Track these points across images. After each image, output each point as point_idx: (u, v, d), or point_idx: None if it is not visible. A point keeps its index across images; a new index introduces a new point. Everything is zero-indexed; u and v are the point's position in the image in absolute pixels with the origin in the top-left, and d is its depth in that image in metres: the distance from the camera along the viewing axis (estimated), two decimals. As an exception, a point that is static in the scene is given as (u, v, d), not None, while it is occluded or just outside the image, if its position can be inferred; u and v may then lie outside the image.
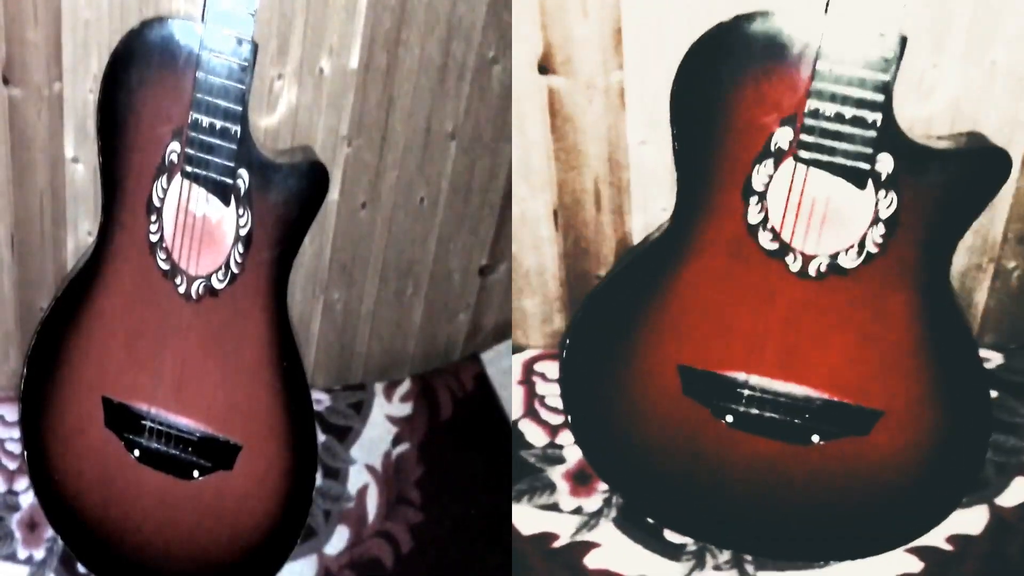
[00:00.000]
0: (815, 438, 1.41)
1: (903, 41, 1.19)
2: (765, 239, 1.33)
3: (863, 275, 1.32)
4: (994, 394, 1.72)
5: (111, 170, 1.30)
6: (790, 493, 1.46)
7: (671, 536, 1.59)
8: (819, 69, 1.22)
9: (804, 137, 1.25)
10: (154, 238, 1.32)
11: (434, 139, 1.71)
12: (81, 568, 1.55)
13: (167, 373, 1.38)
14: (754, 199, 1.31)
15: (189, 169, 1.26)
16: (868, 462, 1.42)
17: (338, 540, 1.69)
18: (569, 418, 1.55)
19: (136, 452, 1.43)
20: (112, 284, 1.36)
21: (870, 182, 1.26)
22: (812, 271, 1.32)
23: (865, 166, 1.25)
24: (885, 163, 1.26)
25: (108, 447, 1.43)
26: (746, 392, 1.41)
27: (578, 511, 1.65)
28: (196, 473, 1.43)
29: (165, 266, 1.33)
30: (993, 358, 1.82)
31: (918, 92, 1.53)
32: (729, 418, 1.43)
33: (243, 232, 1.30)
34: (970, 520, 1.57)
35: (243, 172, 1.27)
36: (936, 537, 1.53)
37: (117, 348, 1.38)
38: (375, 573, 1.67)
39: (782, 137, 1.28)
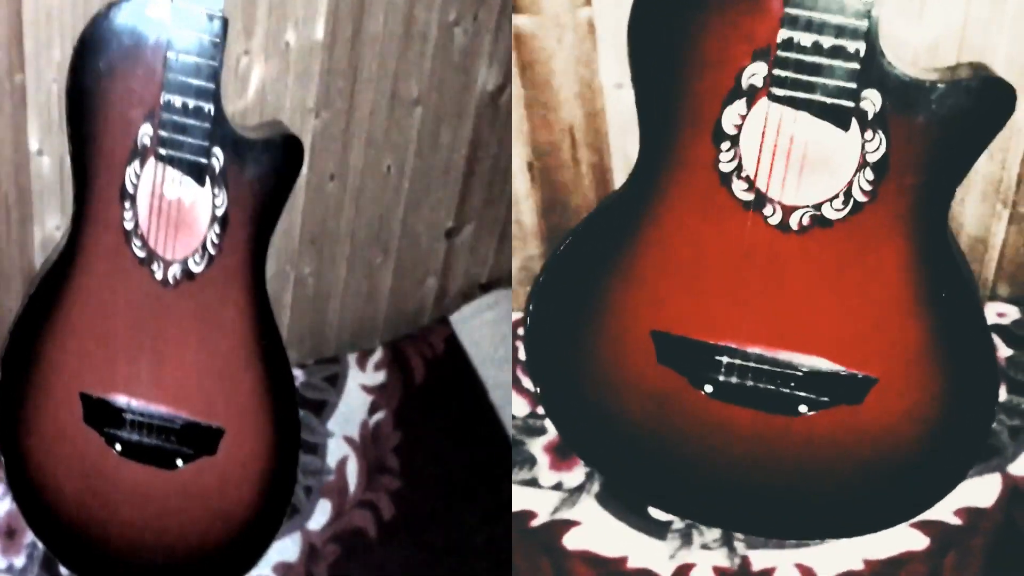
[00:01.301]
0: (802, 408, 1.32)
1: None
2: (739, 188, 1.22)
3: (850, 226, 1.21)
4: (1009, 352, 1.63)
5: (82, 159, 1.26)
6: (779, 467, 1.38)
7: (657, 513, 1.51)
8: (791, -9, 1.10)
9: (778, 72, 1.14)
10: (129, 225, 1.28)
11: (399, 106, 1.69)
12: (64, 571, 1.53)
13: (146, 363, 1.36)
14: (725, 144, 1.21)
15: (163, 152, 1.23)
16: (863, 432, 1.33)
17: (320, 515, 1.68)
18: (538, 389, 1.47)
19: (117, 446, 1.40)
20: (87, 277, 1.32)
21: (855, 122, 1.15)
22: (793, 224, 1.22)
23: (848, 104, 1.14)
24: (872, 100, 1.15)
25: (88, 444, 1.40)
26: (725, 359, 1.32)
27: (558, 487, 1.58)
28: (179, 462, 1.41)
29: (141, 253, 1.30)
30: (1009, 312, 1.71)
31: (911, 15, 1.42)
32: (708, 388, 1.34)
33: (219, 212, 1.27)
34: (981, 491, 1.47)
35: (217, 151, 1.24)
36: (943, 510, 1.43)
37: (94, 342, 1.35)
38: (359, 543, 1.66)
39: (754, 73, 1.17)
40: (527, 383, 1.74)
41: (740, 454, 1.38)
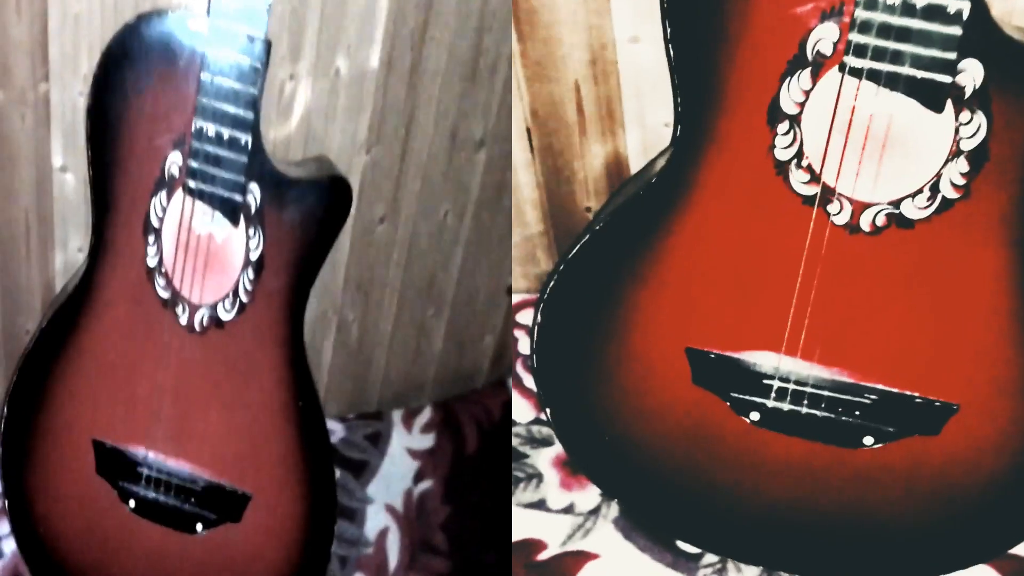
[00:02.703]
0: (868, 440, 1.21)
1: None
2: (799, 180, 1.10)
3: (936, 228, 1.09)
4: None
5: (103, 185, 1.22)
6: (834, 503, 1.27)
7: (686, 545, 1.38)
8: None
9: (856, 38, 1.01)
10: (152, 262, 1.24)
11: (460, 146, 1.63)
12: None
13: (167, 414, 1.31)
14: (783, 126, 1.09)
15: (192, 184, 1.18)
16: (935, 466, 1.22)
17: None
18: (548, 411, 1.35)
19: (131, 503, 1.36)
20: (104, 313, 1.28)
21: (949, 102, 1.03)
22: (865, 224, 1.10)
23: (944, 79, 1.01)
24: (971, 74, 1.02)
25: (100, 496, 1.36)
26: (776, 383, 1.20)
27: (570, 510, 1.43)
28: (200, 527, 1.36)
29: (164, 294, 1.25)
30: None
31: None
32: (755, 415, 1.23)
33: (254, 256, 1.22)
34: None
35: (254, 187, 1.19)
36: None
37: (110, 385, 1.31)
38: (397, 629, 1.59)
39: (822, 37, 1.04)
40: (529, 380, 1.56)
41: (788, 488, 1.27)
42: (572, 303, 1.27)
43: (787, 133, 1.09)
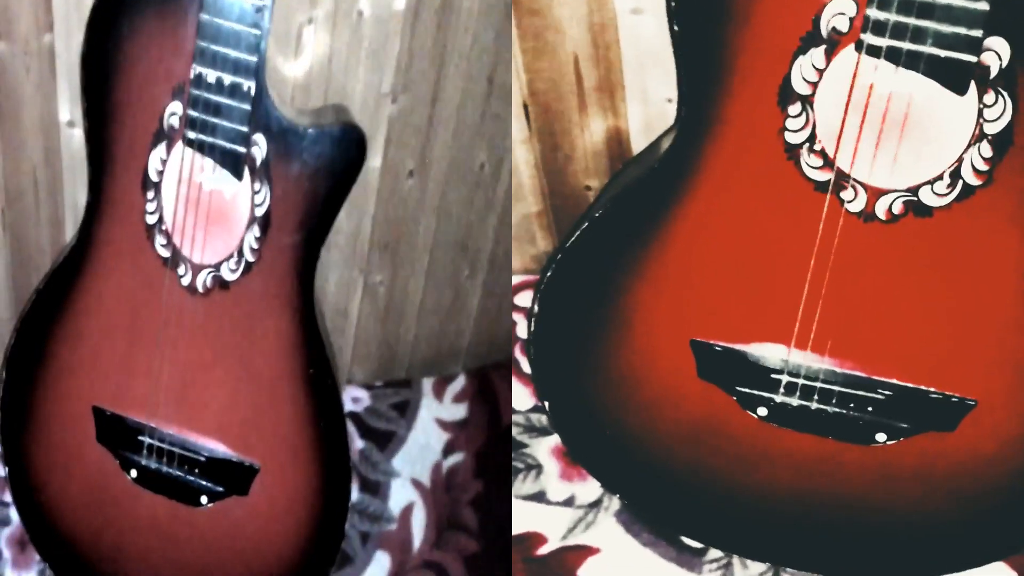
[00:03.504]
0: (880, 437, 1.20)
1: None
2: (811, 165, 1.09)
3: (956, 215, 1.08)
4: None
5: (99, 138, 1.21)
6: (845, 499, 1.26)
7: (690, 540, 1.39)
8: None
9: (876, 13, 0.99)
10: (151, 219, 1.23)
11: (497, 91, 1.59)
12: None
13: (168, 380, 1.30)
14: (795, 107, 1.07)
15: (192, 135, 1.16)
16: (950, 462, 1.21)
17: (377, 570, 1.60)
18: (546, 405, 1.34)
19: (133, 472, 1.35)
20: (102, 275, 1.27)
21: (973, 83, 1.01)
22: (881, 211, 1.09)
23: (969, 58, 0.99)
24: (997, 53, 1.00)
25: (101, 465, 1.36)
26: (785, 377, 1.19)
27: (570, 502, 1.43)
28: (204, 499, 1.35)
29: (165, 253, 1.24)
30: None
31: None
32: (762, 410, 1.22)
33: (260, 212, 1.21)
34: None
35: (259, 138, 1.17)
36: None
37: (109, 350, 1.30)
38: (420, 612, 1.58)
39: (839, 12, 1.02)
40: (527, 365, 1.56)
41: (796, 483, 1.27)
42: (571, 292, 1.26)
43: (799, 115, 1.07)
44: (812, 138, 1.08)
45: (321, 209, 1.22)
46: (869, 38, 1.01)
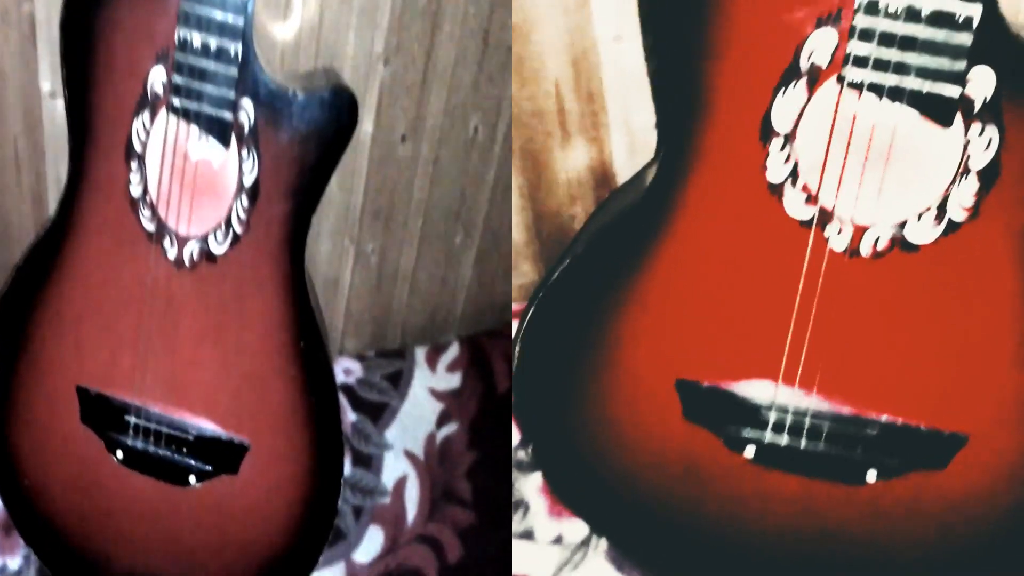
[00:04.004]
0: (871, 476, 1.20)
1: None
2: (794, 201, 1.09)
3: (941, 251, 1.08)
4: None
5: (80, 107, 1.19)
6: (836, 539, 1.26)
7: None
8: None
9: (853, 47, 1.00)
10: (135, 191, 1.21)
11: (493, 51, 1.59)
12: (59, 583, 1.47)
13: (155, 358, 1.29)
14: (776, 142, 1.07)
15: (177, 102, 1.15)
16: (942, 499, 1.21)
17: (370, 544, 1.60)
18: (530, 447, 1.35)
19: (119, 453, 1.34)
20: (84, 249, 1.26)
21: (958, 114, 1.01)
22: (866, 248, 1.09)
23: (954, 91, 0.99)
24: (980, 84, 1.00)
25: (86, 446, 1.34)
26: (772, 415, 1.19)
27: (559, 540, 1.45)
28: (193, 479, 1.34)
29: (150, 226, 1.22)
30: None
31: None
32: (750, 451, 1.22)
33: (248, 181, 1.19)
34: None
35: (247, 104, 1.15)
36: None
37: (92, 328, 1.29)
38: (414, 587, 1.58)
39: (820, 47, 1.02)
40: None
41: (787, 524, 1.26)
42: (553, 332, 1.26)
43: (781, 150, 1.07)
44: (795, 173, 1.08)
45: (311, 176, 1.21)
46: (851, 72, 1.02)
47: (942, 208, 1.07)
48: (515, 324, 1.63)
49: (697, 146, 1.10)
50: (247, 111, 1.16)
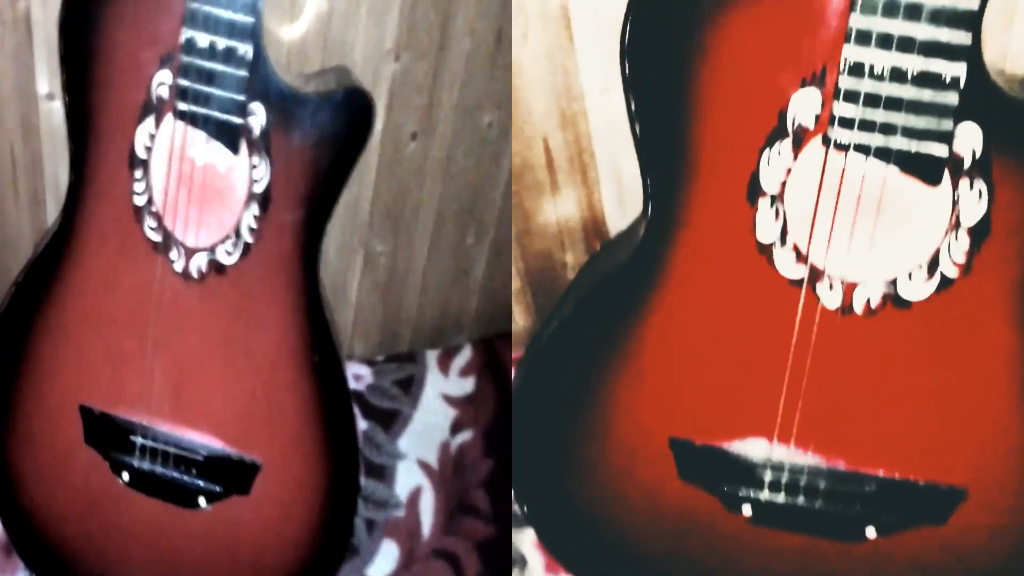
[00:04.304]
0: (870, 532, 1.21)
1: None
2: (784, 261, 1.10)
3: (934, 306, 1.10)
4: None
5: (81, 112, 1.18)
6: None
7: None
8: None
9: (840, 108, 1.02)
10: (140, 200, 1.20)
11: (507, 47, 1.58)
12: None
13: (162, 375, 1.28)
14: (764, 202, 1.09)
15: (183, 107, 1.14)
16: (941, 555, 1.22)
17: (384, 560, 1.58)
18: (525, 508, 1.35)
19: (125, 475, 1.33)
20: (86, 262, 1.25)
21: (947, 172, 1.03)
22: (858, 306, 1.11)
23: (942, 150, 1.01)
24: (968, 140, 1.02)
25: (90, 468, 1.34)
26: (769, 474, 1.20)
27: None
28: (203, 501, 1.33)
29: (155, 237, 1.21)
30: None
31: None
32: (747, 510, 1.23)
33: (258, 188, 1.18)
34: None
35: (257, 108, 1.14)
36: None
37: (96, 344, 1.28)
38: (432, 605, 1.57)
39: (804, 108, 1.04)
40: None
41: None
42: (545, 394, 1.27)
43: (769, 210, 1.09)
44: (784, 233, 1.10)
45: (325, 182, 1.20)
46: (836, 133, 1.03)
47: (934, 264, 1.09)
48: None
49: (684, 206, 1.12)
50: (258, 115, 1.14)
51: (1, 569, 1.50)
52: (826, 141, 1.05)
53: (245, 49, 1.09)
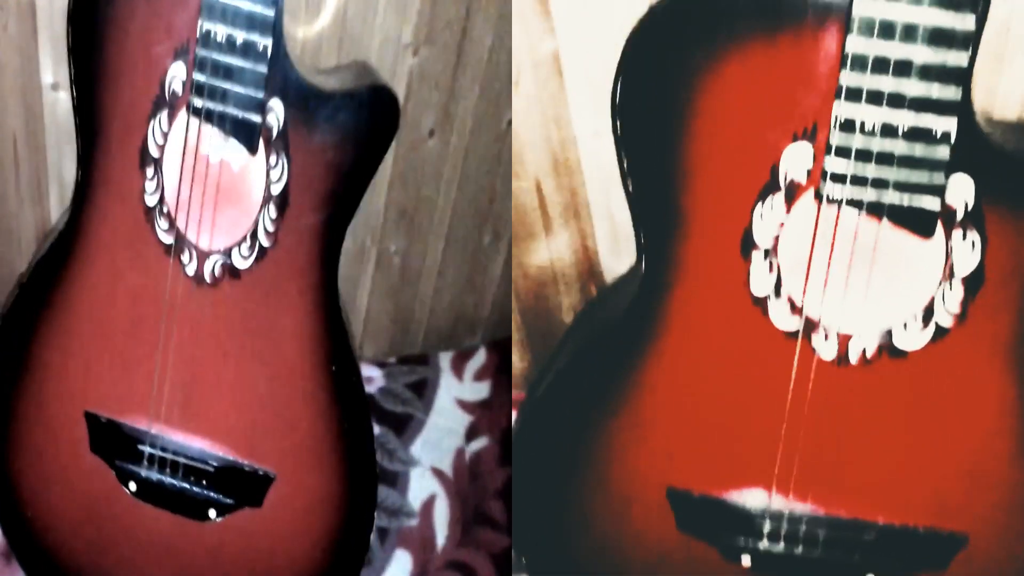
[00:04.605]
0: None
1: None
2: (779, 313, 1.12)
3: (930, 355, 1.12)
4: None
5: (90, 107, 1.16)
6: None
7: None
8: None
9: (831, 164, 1.03)
10: (151, 200, 1.18)
11: None
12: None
13: (172, 382, 1.26)
14: (758, 256, 1.10)
15: (198, 103, 1.11)
16: None
17: (397, 571, 1.57)
18: (524, 559, 1.36)
19: (132, 485, 1.32)
20: (95, 264, 1.23)
21: (940, 225, 1.05)
22: (854, 356, 1.12)
23: (934, 204, 1.03)
24: (960, 192, 1.04)
25: (95, 477, 1.32)
26: (767, 524, 1.21)
27: None
28: (213, 513, 1.31)
29: (167, 239, 1.19)
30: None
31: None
32: (746, 560, 1.24)
33: (276, 189, 1.16)
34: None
35: (276, 105, 1.12)
36: None
37: (104, 349, 1.26)
38: (447, 617, 1.57)
39: (795, 164, 1.06)
40: None
41: None
42: (543, 445, 1.28)
43: (763, 264, 1.11)
44: (778, 285, 1.12)
45: (346, 183, 1.18)
46: (828, 188, 1.04)
47: (928, 314, 1.11)
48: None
49: (679, 260, 1.14)
50: (276, 112, 1.12)
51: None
52: (818, 196, 1.06)
53: (264, 43, 1.07)
